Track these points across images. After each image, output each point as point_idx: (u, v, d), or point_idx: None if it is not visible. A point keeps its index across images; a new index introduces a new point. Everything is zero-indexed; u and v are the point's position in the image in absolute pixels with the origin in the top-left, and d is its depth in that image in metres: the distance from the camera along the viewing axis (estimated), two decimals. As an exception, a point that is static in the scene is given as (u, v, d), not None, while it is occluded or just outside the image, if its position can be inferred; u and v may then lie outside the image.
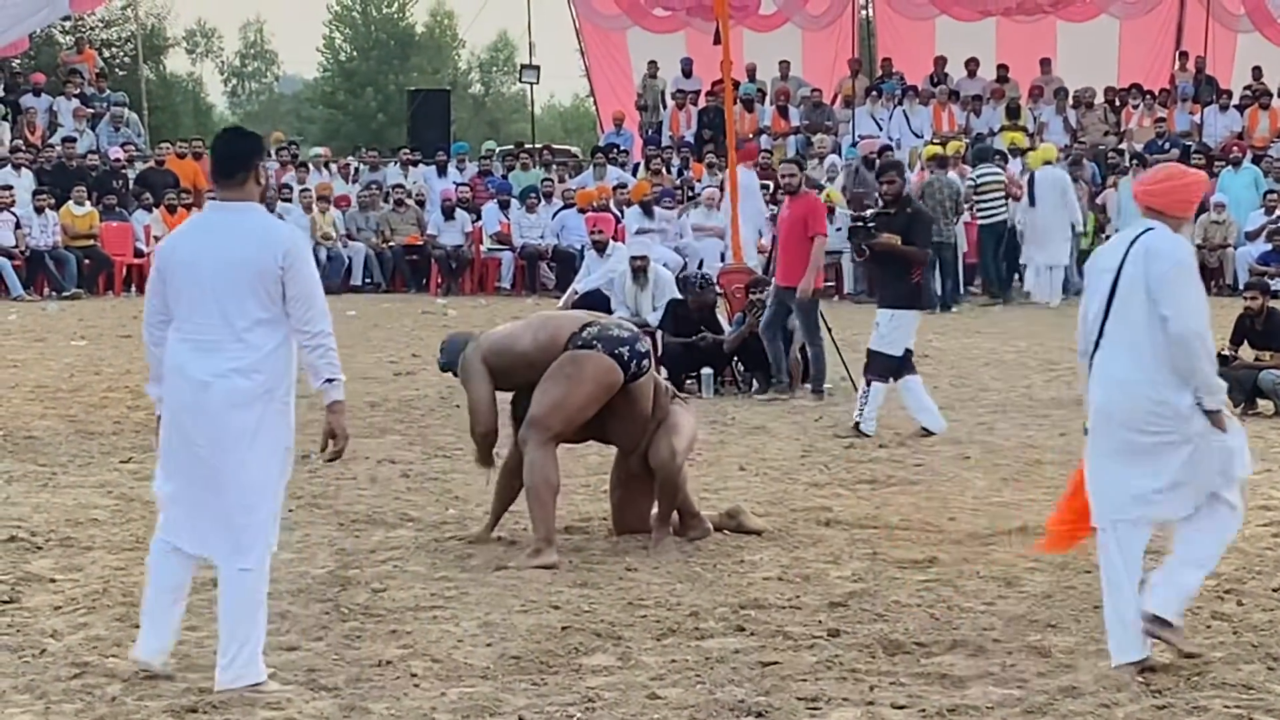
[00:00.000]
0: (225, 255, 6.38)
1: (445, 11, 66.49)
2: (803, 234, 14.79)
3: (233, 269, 6.37)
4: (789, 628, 7.21)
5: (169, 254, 6.53)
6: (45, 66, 36.12)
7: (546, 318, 9.19)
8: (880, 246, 12.99)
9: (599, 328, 8.79)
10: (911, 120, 30.29)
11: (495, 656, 6.77)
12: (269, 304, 6.39)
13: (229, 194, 6.51)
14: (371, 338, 20.00)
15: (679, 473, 8.87)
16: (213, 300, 6.37)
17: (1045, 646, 6.88)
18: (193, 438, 6.40)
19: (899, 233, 12.88)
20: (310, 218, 27.65)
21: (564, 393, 8.58)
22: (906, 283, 12.88)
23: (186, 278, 6.42)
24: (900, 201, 13.19)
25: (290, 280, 6.41)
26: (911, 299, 12.92)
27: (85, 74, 32.28)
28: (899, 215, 13.04)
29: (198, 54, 67.94)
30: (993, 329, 21.41)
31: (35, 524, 9.29)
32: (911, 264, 12.87)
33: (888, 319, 12.90)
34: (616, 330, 8.82)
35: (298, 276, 6.43)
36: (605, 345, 8.64)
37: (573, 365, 8.61)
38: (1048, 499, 10.20)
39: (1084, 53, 31.56)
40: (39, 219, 26.00)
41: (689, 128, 31.48)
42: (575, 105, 69.06)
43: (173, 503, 6.50)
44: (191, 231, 6.61)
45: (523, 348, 8.78)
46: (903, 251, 12.87)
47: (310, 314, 6.45)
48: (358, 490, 10.47)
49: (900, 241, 12.86)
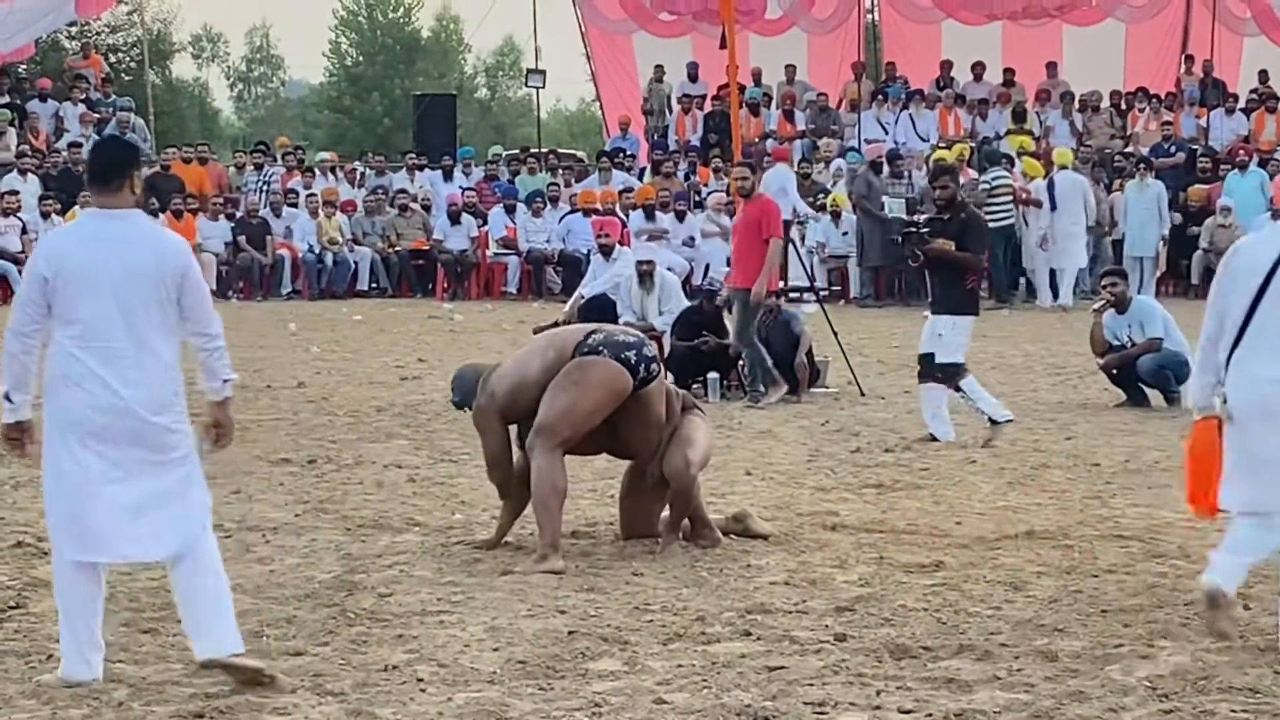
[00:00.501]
0: (125, 263, 6.41)
1: (451, 16, 66.58)
2: (757, 236, 14.86)
3: (135, 277, 6.41)
4: (795, 632, 7.21)
5: (58, 261, 6.46)
6: (51, 72, 36.22)
7: (551, 337, 9.17)
8: (934, 253, 12.78)
9: (604, 334, 8.78)
10: (917, 124, 30.29)
11: (502, 661, 6.77)
12: (168, 310, 6.47)
13: (110, 200, 6.55)
14: (377, 342, 20.01)
15: (693, 483, 8.86)
16: (116, 308, 6.39)
17: (1052, 651, 6.87)
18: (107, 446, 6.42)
19: (953, 238, 12.68)
20: (316, 222, 27.68)
21: (571, 399, 8.57)
22: (961, 288, 12.69)
23: (83, 286, 6.41)
24: (954, 207, 12.94)
25: (187, 287, 6.49)
26: (968, 305, 12.78)
27: (91, 79, 32.33)
28: (953, 221, 12.81)
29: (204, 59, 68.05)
30: (999, 333, 21.39)
31: (41, 529, 9.25)
32: (966, 270, 12.72)
33: (949, 326, 12.68)
34: (622, 336, 8.82)
35: (193, 283, 6.53)
36: (611, 350, 8.63)
37: (579, 371, 8.61)
38: (1054, 503, 10.22)
39: (1090, 56, 31.56)
40: (45, 224, 26.03)
41: (695, 132, 31.49)
42: (581, 109, 69.11)
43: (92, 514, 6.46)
44: (82, 239, 6.56)
45: (533, 375, 8.75)
46: (956, 257, 12.68)
47: (207, 317, 6.57)
48: (364, 495, 10.48)
49: (954, 247, 12.67)
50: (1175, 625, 7.27)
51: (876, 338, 20.70)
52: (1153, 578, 8.19)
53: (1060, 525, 9.47)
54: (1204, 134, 29.46)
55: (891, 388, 15.88)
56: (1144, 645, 6.97)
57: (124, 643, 7.02)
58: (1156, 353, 14.40)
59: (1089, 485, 10.83)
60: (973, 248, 12.89)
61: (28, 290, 6.52)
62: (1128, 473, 11.32)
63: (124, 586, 8.00)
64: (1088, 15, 32.08)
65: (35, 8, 32.81)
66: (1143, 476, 11.17)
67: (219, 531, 9.16)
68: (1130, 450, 12.19)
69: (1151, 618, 7.40)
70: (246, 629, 7.19)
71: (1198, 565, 8.45)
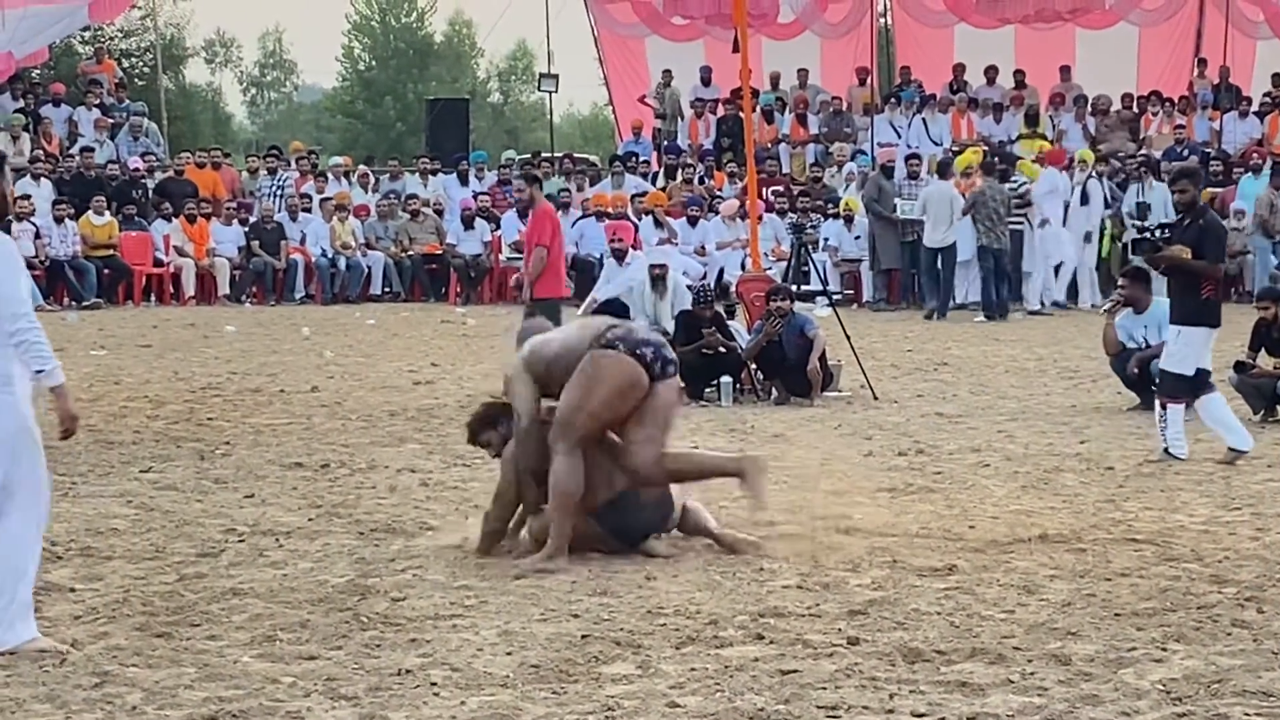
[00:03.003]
0: None
1: (464, 20, 66.66)
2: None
3: None
4: (808, 636, 7.20)
5: None
6: (65, 77, 36.27)
7: (584, 323, 9.19)
8: (1168, 260, 12.17)
9: (624, 330, 8.80)
10: (930, 128, 30.29)
11: (515, 665, 6.77)
12: None
13: None
14: (390, 347, 20.03)
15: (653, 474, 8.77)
16: None
17: (1065, 654, 6.86)
18: None
19: (1189, 245, 12.00)
20: (330, 227, 27.72)
21: (584, 392, 8.57)
22: (1196, 298, 11.97)
23: None
24: (1193, 212, 12.27)
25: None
26: (1202, 315, 11.99)
27: (105, 84, 32.39)
28: (1190, 227, 12.15)
29: (217, 64, 68.13)
30: (1012, 336, 21.42)
31: (55, 533, 9.29)
32: (1202, 278, 11.99)
33: (1175, 335, 12.08)
34: (642, 334, 8.84)
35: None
36: (627, 345, 8.64)
37: (592, 365, 8.61)
38: (1067, 506, 10.21)
39: (1103, 60, 31.55)
40: (59, 229, 26.12)
41: (707, 136, 31.50)
42: (594, 113, 69.13)
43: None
44: None
45: (555, 346, 8.81)
46: (1193, 266, 11.97)
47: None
48: (377, 500, 10.49)
49: (1190, 255, 11.98)
50: (1189, 629, 7.25)
51: (889, 341, 20.70)
52: (1166, 581, 8.17)
53: (1073, 529, 9.46)
54: (1217, 137, 29.43)
55: (904, 391, 15.88)
56: (1157, 649, 6.96)
57: (137, 647, 7.02)
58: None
59: (1102, 489, 10.82)
60: (1210, 255, 12.10)
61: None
62: (1141, 476, 11.30)
63: (137, 591, 8.02)
64: (1101, 18, 32.03)
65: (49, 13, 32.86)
66: (1156, 480, 11.15)
67: (232, 536, 9.26)
68: (1144, 453, 12.17)
69: (1165, 621, 7.39)
70: (260, 633, 7.22)
71: (1211, 569, 8.46)
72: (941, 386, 16.31)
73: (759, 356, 15.49)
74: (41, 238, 25.79)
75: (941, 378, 17.07)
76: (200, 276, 27.21)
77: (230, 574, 8.37)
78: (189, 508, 10.13)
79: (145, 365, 17.81)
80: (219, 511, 10.01)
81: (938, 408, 14.74)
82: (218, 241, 27.48)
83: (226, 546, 9.04)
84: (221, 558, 8.78)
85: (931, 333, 22.12)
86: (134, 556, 8.82)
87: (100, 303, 25.74)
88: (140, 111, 31.53)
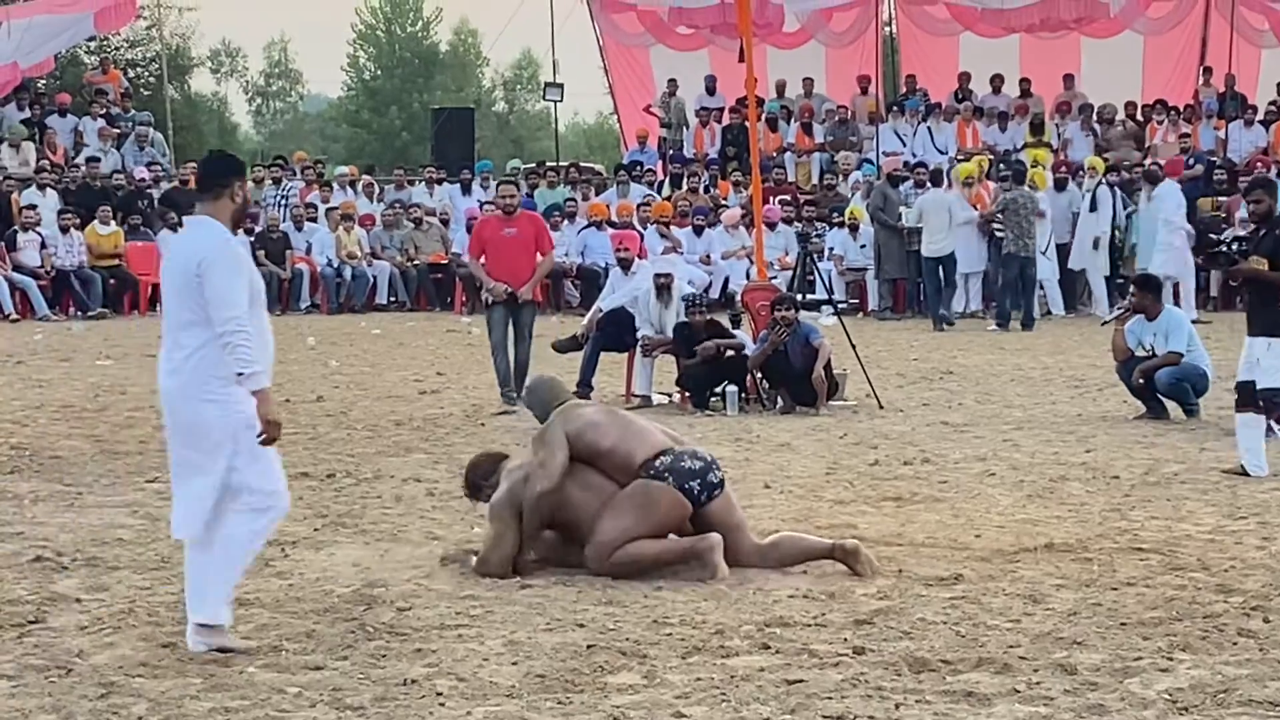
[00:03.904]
0: (169, 263, 7.28)
1: (469, 30, 66.79)
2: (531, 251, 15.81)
3: (168, 273, 7.27)
4: (814, 645, 7.20)
5: None
6: (70, 87, 36.31)
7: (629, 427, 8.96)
8: (1245, 273, 11.85)
9: (672, 458, 8.73)
10: (935, 137, 30.31)
11: (521, 675, 6.77)
12: (190, 302, 7.09)
13: (203, 208, 7.36)
14: (396, 356, 20.04)
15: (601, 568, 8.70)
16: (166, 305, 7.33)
17: (1071, 664, 6.86)
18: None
19: (1267, 256, 11.71)
20: (335, 236, 27.75)
21: (633, 523, 8.61)
22: (1275, 309, 11.68)
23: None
24: (1270, 222, 11.91)
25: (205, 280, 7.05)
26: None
27: (110, 94, 32.43)
28: (1266, 237, 11.85)
29: (222, 73, 68.20)
30: (1018, 345, 21.40)
31: (61, 544, 9.32)
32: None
33: (1264, 348, 11.68)
34: (689, 461, 8.76)
35: (210, 275, 7.06)
36: (676, 479, 8.66)
37: (645, 496, 8.63)
38: (1073, 516, 10.21)
39: (1108, 68, 31.57)
40: (64, 239, 26.16)
41: (712, 145, 31.52)
42: (599, 122, 69.18)
43: None
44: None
45: (607, 444, 8.77)
46: (1270, 278, 11.68)
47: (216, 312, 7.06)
48: (383, 509, 10.49)
49: (1269, 265, 11.68)
50: (1195, 638, 7.24)
51: (894, 350, 20.71)
52: (1172, 590, 8.17)
53: (1079, 538, 9.46)
54: (1222, 146, 29.41)
55: (910, 400, 15.88)
56: (1163, 658, 6.95)
57: (143, 657, 7.03)
58: (1176, 366, 14.35)
59: (1108, 498, 10.81)
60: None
61: None
62: (1147, 485, 11.30)
63: (143, 602, 8.03)
64: (1106, 27, 32.04)
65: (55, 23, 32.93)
66: (1162, 489, 11.14)
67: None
68: (1150, 463, 12.17)
69: (1171, 630, 7.39)
70: (266, 643, 7.23)
71: (1217, 578, 8.46)
72: (947, 395, 16.31)
73: (764, 365, 15.48)
74: (47, 248, 25.83)
75: (947, 386, 17.07)
76: (206, 286, 27.18)
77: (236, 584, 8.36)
78: (195, 518, 10.11)
79: (151, 375, 17.67)
80: (225, 521, 9.99)
81: (943, 417, 14.73)
82: (223, 251, 27.51)
83: (232, 556, 9.02)
84: (227, 568, 8.76)
85: (937, 341, 22.12)
86: (140, 567, 8.83)
87: (106, 312, 25.79)
88: (146, 121, 31.58)
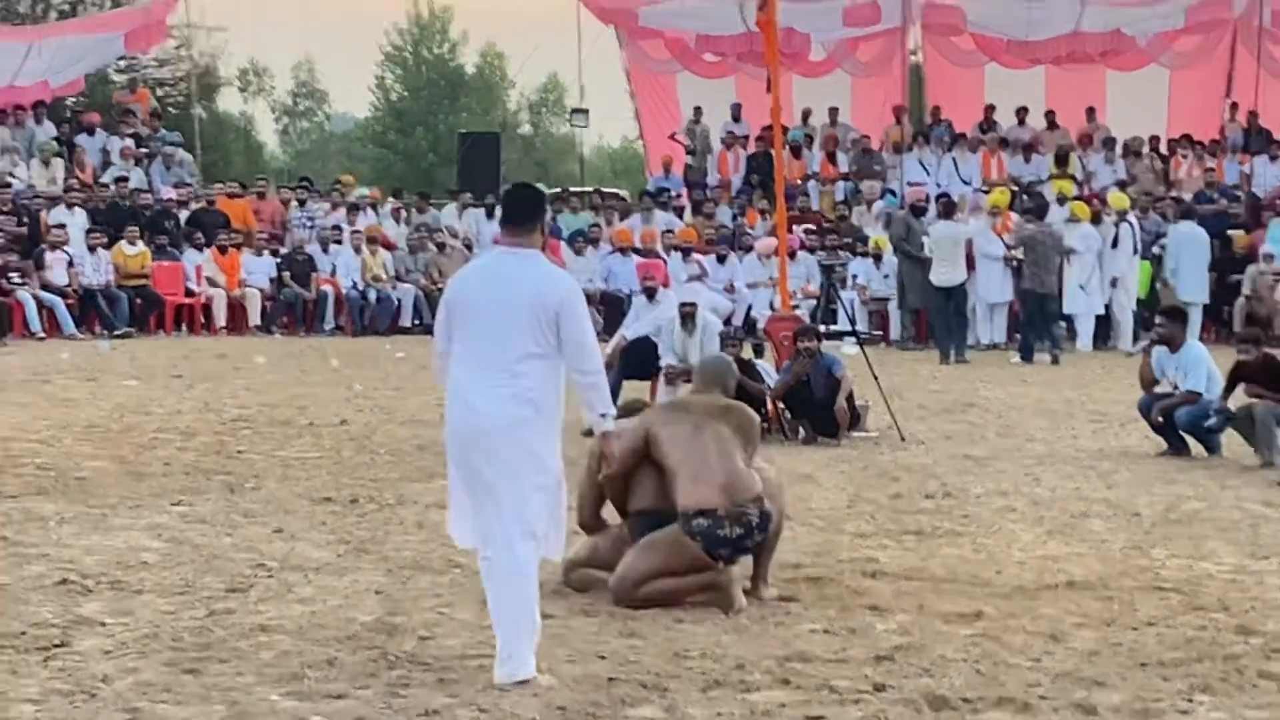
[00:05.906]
0: (504, 294, 7.14)
1: (496, 53, 66.83)
2: None
3: (507, 307, 7.12)
4: (834, 681, 7.22)
5: (454, 291, 7.33)
6: (100, 106, 36.44)
7: (695, 462, 8.88)
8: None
9: (711, 522, 8.68)
10: (960, 167, 30.33)
11: (541, 706, 6.79)
12: (540, 339, 7.11)
13: (516, 240, 7.33)
14: (420, 380, 20.04)
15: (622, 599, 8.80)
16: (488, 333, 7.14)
17: (1091, 704, 6.87)
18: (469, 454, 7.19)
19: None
20: (360, 259, 27.84)
21: (659, 565, 8.67)
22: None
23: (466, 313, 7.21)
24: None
25: (562, 322, 7.12)
26: None
27: (139, 113, 32.56)
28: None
29: (249, 93, 68.33)
30: (1041, 378, 21.39)
31: (86, 567, 9.35)
32: None
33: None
34: (728, 529, 8.71)
35: (569, 318, 7.13)
36: (707, 543, 8.68)
37: (678, 547, 8.68)
38: (1094, 552, 10.21)
39: (1133, 102, 31.62)
40: (92, 258, 26.27)
41: (736, 171, 31.57)
42: (624, 147, 69.24)
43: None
44: (477, 271, 7.43)
45: (669, 464, 8.83)
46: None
47: (578, 355, 7.18)
48: (405, 535, 10.51)
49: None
50: (1215, 679, 7.25)
51: (917, 381, 20.70)
52: (1193, 631, 8.17)
53: (1100, 575, 9.46)
54: (1247, 180, 29.40)
55: (932, 432, 15.87)
56: (1183, 700, 6.96)
57: (166, 683, 7.06)
58: (1194, 404, 14.37)
59: (1129, 535, 10.81)
60: None
61: (438, 314, 7.44)
62: (1168, 523, 11.29)
63: (167, 627, 8.04)
64: (1132, 60, 32.09)
65: (85, 43, 33.15)
66: (1183, 527, 11.14)
67: (261, 571, 9.29)
68: (1171, 500, 12.16)
69: (1191, 671, 7.39)
70: (288, 670, 7.25)
71: (1238, 619, 8.46)
72: (969, 428, 16.30)
73: (787, 396, 15.50)
74: (75, 266, 25.94)
75: (969, 419, 17.06)
76: (231, 307, 27.33)
77: (259, 609, 8.40)
78: (219, 541, 10.16)
79: (176, 396, 17.88)
80: (248, 546, 10.05)
81: (965, 450, 14.73)
82: (249, 272, 27.62)
83: (255, 581, 9.07)
84: (250, 593, 8.80)
85: (960, 373, 22.12)
86: (164, 590, 8.85)
87: (132, 332, 25.86)
88: (175, 141, 31.70)
